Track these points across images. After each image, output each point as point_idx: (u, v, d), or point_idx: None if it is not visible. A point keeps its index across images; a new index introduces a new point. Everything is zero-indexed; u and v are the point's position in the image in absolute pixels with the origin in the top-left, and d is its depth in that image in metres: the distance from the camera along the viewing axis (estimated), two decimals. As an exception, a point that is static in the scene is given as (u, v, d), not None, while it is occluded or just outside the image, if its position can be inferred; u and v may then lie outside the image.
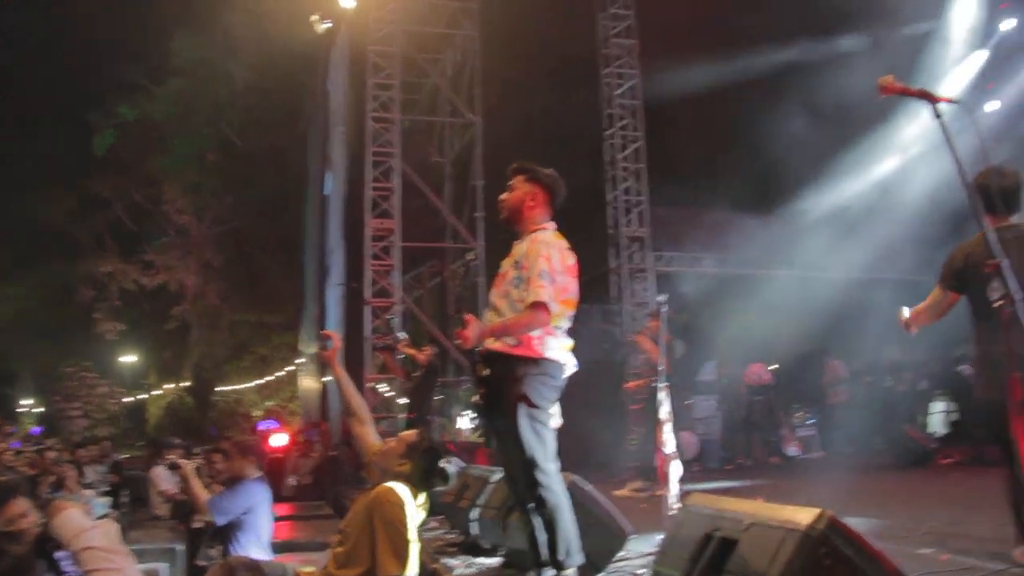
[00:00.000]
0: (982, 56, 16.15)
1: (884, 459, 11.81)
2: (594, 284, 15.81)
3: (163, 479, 10.55)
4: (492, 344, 4.09)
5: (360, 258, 14.40)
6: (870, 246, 15.82)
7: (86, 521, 3.92)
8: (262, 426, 26.26)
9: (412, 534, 3.78)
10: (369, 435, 4.56)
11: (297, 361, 24.35)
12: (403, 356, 12.14)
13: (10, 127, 30.74)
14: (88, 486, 11.92)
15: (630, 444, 13.51)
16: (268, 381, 32.99)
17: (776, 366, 15.48)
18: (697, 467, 13.23)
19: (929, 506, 7.19)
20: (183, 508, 9.59)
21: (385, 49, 14.71)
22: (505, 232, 4.58)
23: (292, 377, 30.57)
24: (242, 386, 33.92)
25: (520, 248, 4.25)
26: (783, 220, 16.06)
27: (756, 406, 14.17)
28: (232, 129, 31.55)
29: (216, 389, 34.79)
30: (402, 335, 12.30)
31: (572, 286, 4.21)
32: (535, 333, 4.04)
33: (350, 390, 4.67)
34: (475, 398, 4.24)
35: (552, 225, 4.35)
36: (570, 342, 4.25)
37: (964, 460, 10.66)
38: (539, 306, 3.97)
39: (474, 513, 5.84)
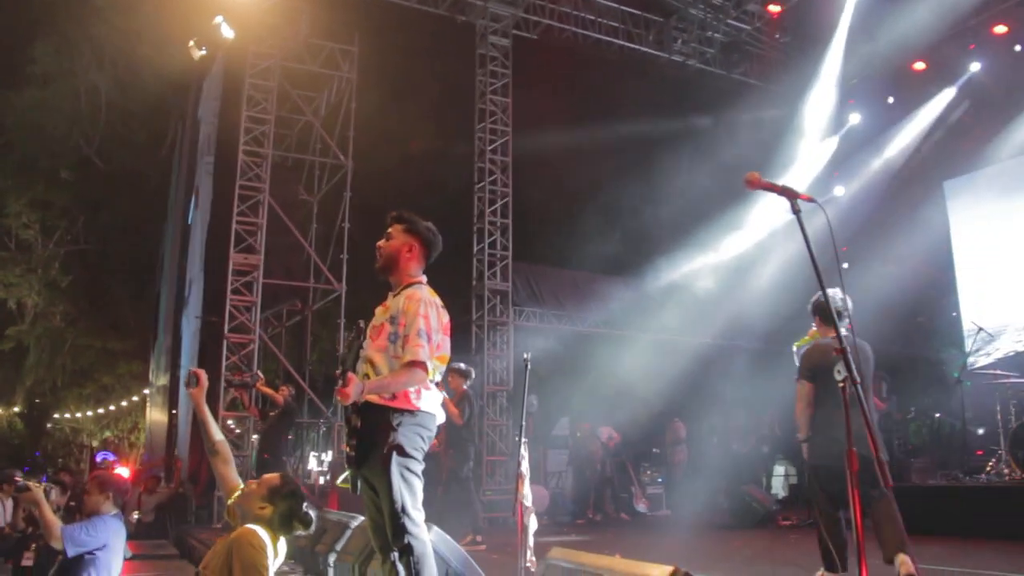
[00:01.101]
0: (832, 144, 17.31)
1: (727, 519, 12.28)
2: (453, 335, 15.93)
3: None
4: (368, 396, 4.15)
5: (220, 291, 14.10)
6: (724, 314, 16.57)
7: None
8: (99, 457, 25.23)
9: None
10: (231, 476, 4.51)
11: (145, 391, 23.53)
12: (259, 395, 11.97)
13: None
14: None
15: (484, 495, 13.67)
16: (110, 411, 31.60)
17: (626, 426, 15.88)
18: (546, 520, 13.45)
19: (771, 565, 7.57)
20: (9, 543, 9.16)
21: (262, 83, 14.57)
22: (369, 276, 4.66)
23: (134, 408, 29.47)
24: (80, 415, 32.36)
25: (396, 303, 4.30)
26: (641, 284, 16.64)
27: (609, 463, 14.53)
28: (90, 146, 30.41)
29: (53, 416, 33.09)
30: (259, 374, 12.13)
31: (446, 344, 4.33)
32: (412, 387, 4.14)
33: (213, 429, 4.62)
34: (345, 447, 4.27)
35: (424, 279, 4.44)
36: (441, 396, 4.36)
37: (801, 522, 11.21)
38: (417, 364, 4.06)
39: (332, 558, 5.83)
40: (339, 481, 11.75)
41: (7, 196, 31.29)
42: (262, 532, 3.85)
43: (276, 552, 3.95)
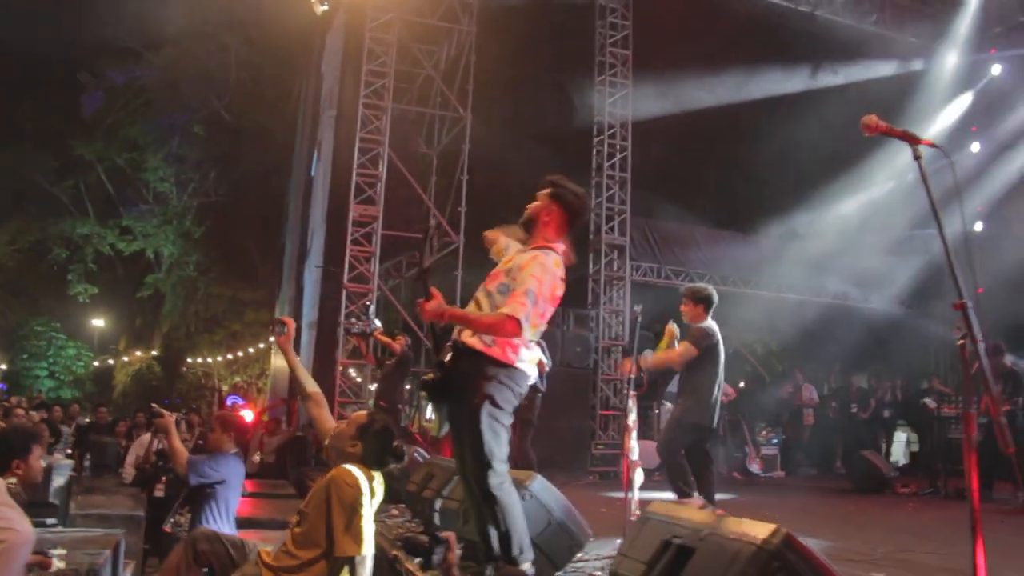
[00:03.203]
0: (967, 99, 16.45)
1: (843, 483, 12.00)
2: (570, 288, 15.90)
3: (144, 444, 10.61)
4: (469, 339, 4.16)
5: (340, 242, 14.39)
6: (845, 273, 16.04)
7: None
8: (229, 400, 26.30)
9: (368, 515, 3.86)
10: (325, 417, 4.64)
11: (271, 339, 24.33)
12: (377, 344, 12.21)
13: (-1, 81, 30.48)
14: (53, 447, 11.94)
15: (596, 448, 13.70)
16: (238, 357, 32.84)
17: (743, 384, 15.64)
18: (658, 476, 13.38)
19: (883, 532, 7.36)
20: (145, 475, 9.65)
21: (382, 36, 14.69)
22: (487, 228, 4.68)
23: (262, 354, 30.54)
24: (212, 360, 33.76)
25: (520, 258, 4.26)
26: (762, 240, 16.24)
27: (721, 421, 14.30)
28: (221, 103, 31.44)
29: (187, 360, 34.64)
30: (377, 323, 12.35)
31: (549, 313, 4.28)
32: (513, 340, 4.12)
33: (303, 373, 4.75)
34: (428, 376, 4.23)
35: (561, 247, 4.35)
36: (538, 356, 4.34)
37: (920, 491, 10.87)
38: (511, 320, 3.98)
39: (438, 503, 5.92)
40: (424, 421, 11.89)
41: (146, 151, 32.75)
42: (356, 471, 3.93)
43: (373, 491, 4.03)
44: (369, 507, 3.92)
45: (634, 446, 6.08)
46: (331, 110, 16.18)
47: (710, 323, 7.22)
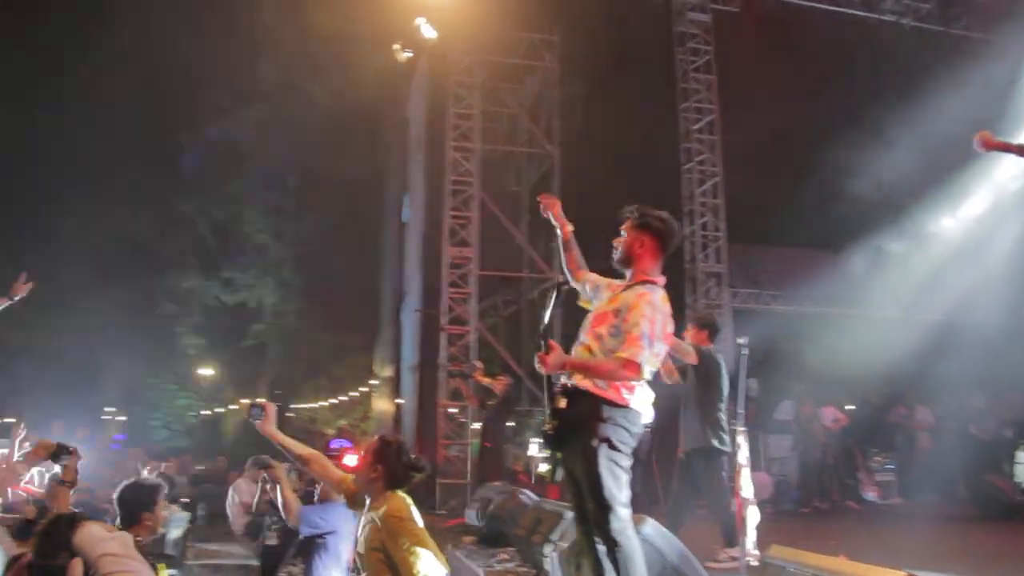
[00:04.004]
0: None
1: (966, 509, 11.47)
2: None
3: (245, 492, 10.76)
4: (582, 382, 4.10)
5: (436, 285, 14.54)
6: (953, 289, 15.48)
7: (104, 532, 4.12)
8: (334, 444, 26.64)
9: (427, 537, 3.89)
10: (332, 471, 4.67)
11: (371, 382, 24.66)
12: (478, 384, 12.25)
13: (102, 143, 31.65)
14: (173, 500, 12.23)
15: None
16: (342, 401, 33.38)
17: (853, 408, 15.19)
18: (770, 509, 13.05)
19: (1018, 565, 6.95)
20: (256, 525, 9.80)
21: (466, 79, 14.87)
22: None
23: (365, 398, 30.96)
24: (317, 404, 34.41)
25: (626, 298, 4.20)
26: (864, 259, 15.81)
27: (831, 448, 13.91)
28: (311, 153, 32.18)
29: (291, 406, 35.33)
30: (478, 364, 12.40)
31: (664, 352, 4.21)
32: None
33: (292, 444, 4.76)
34: (546, 427, 4.14)
35: (662, 279, 4.30)
36: (652, 395, 4.25)
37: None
38: (631, 364, 3.96)
39: (547, 549, 5.85)
40: (538, 470, 11.84)
41: (242, 204, 33.75)
42: (399, 503, 3.92)
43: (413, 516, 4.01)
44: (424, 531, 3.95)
45: (747, 484, 5.93)
46: (420, 155, 16.43)
47: (712, 348, 7.31)
